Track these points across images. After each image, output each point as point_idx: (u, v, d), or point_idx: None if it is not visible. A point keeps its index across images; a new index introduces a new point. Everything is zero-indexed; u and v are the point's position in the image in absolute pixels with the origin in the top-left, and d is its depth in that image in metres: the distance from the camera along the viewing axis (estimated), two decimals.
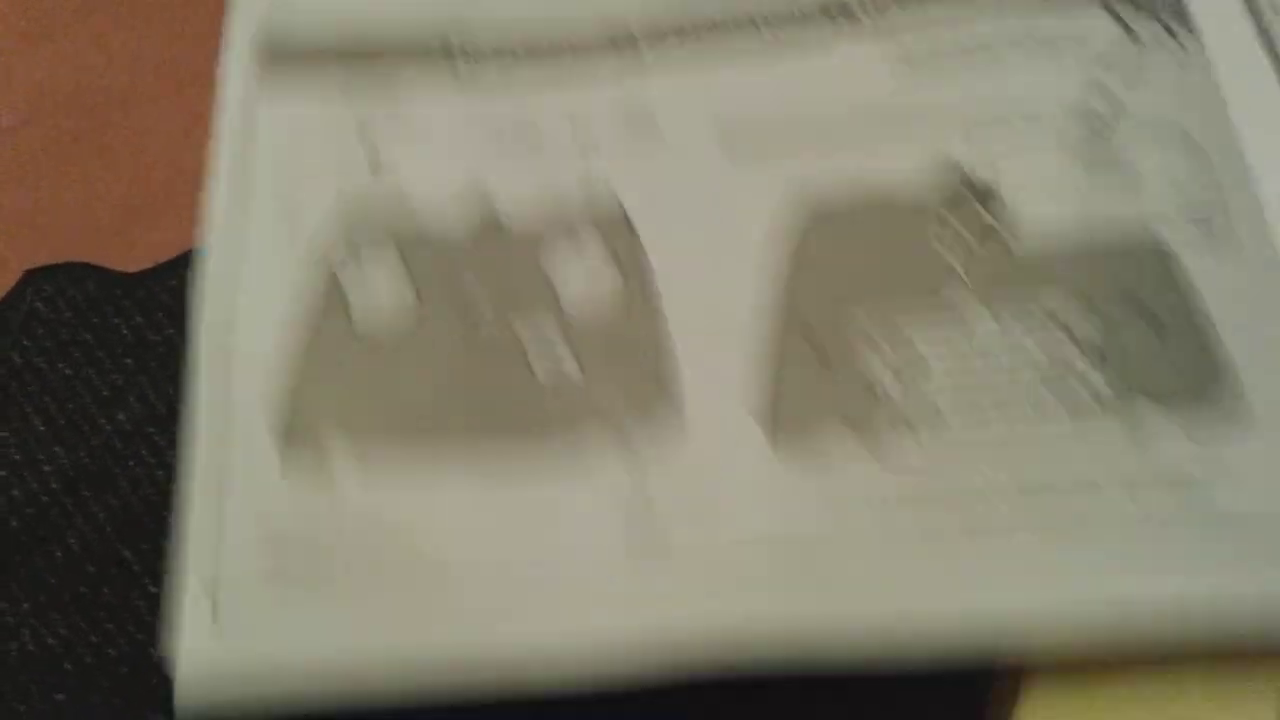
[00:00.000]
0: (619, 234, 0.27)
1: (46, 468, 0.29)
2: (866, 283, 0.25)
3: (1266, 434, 0.23)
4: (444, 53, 0.30)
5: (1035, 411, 0.23)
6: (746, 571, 0.23)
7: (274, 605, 0.24)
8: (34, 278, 0.31)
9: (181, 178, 0.31)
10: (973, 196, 0.26)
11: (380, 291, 0.27)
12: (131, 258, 0.31)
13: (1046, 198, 0.25)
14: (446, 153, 0.28)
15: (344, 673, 0.23)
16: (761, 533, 0.23)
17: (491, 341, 0.26)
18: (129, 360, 0.30)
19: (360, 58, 0.29)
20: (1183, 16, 0.27)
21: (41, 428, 0.29)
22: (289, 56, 0.30)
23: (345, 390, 0.26)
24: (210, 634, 0.24)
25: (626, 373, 0.25)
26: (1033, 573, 0.22)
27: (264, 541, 0.25)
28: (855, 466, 0.24)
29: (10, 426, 0.30)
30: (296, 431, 0.26)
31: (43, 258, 0.31)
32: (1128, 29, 0.27)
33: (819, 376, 0.25)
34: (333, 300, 0.27)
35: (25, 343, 0.30)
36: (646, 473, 0.24)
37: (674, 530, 0.24)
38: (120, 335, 0.30)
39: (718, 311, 0.26)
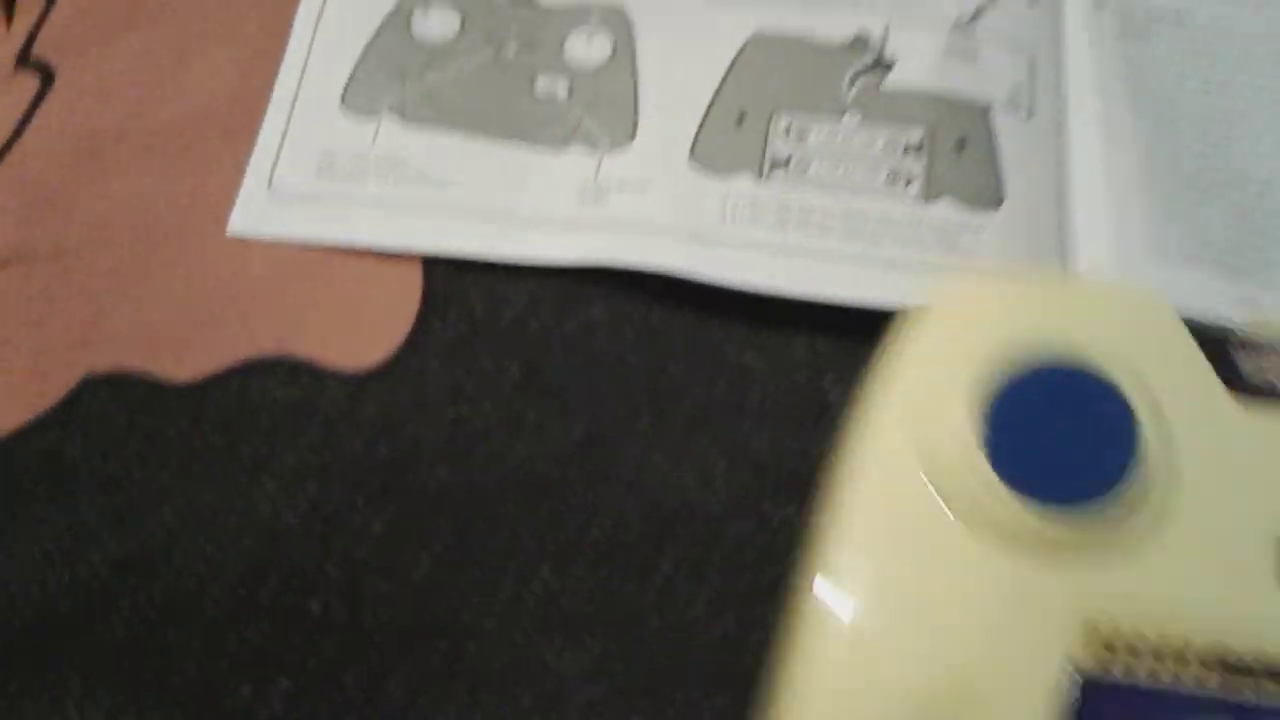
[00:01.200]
0: (619, 24, 0.38)
1: (95, 556, 0.32)
2: (781, 84, 0.37)
3: (1010, 208, 0.34)
4: None
5: (868, 174, 0.35)
6: (656, 223, 0.34)
7: (319, 184, 0.36)
8: (90, 383, 0.34)
9: (228, 305, 0.35)
10: (867, 47, 0.37)
11: (435, 18, 0.39)
12: (181, 370, 0.34)
13: (916, 61, 0.37)
14: None
15: (363, 228, 0.35)
16: (670, 210, 0.34)
17: (509, 64, 0.38)
18: (174, 462, 0.33)
19: None
20: None
21: (92, 518, 0.33)
22: None
23: (397, 74, 0.38)
24: (264, 193, 0.36)
25: (601, 103, 0.37)
26: (832, 255, 0.33)
27: (319, 153, 0.37)
28: (740, 181, 0.35)
29: (64, 515, 0.33)
30: (356, 92, 0.38)
31: (102, 365, 0.35)
32: None
33: (733, 130, 0.36)
34: (399, 19, 0.39)
35: (80, 441, 0.34)
36: (600, 161, 0.36)
37: (611, 194, 0.35)
38: (168, 439, 0.34)
39: (676, 83, 0.37)
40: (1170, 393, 0.22)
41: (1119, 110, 0.36)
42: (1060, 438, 0.21)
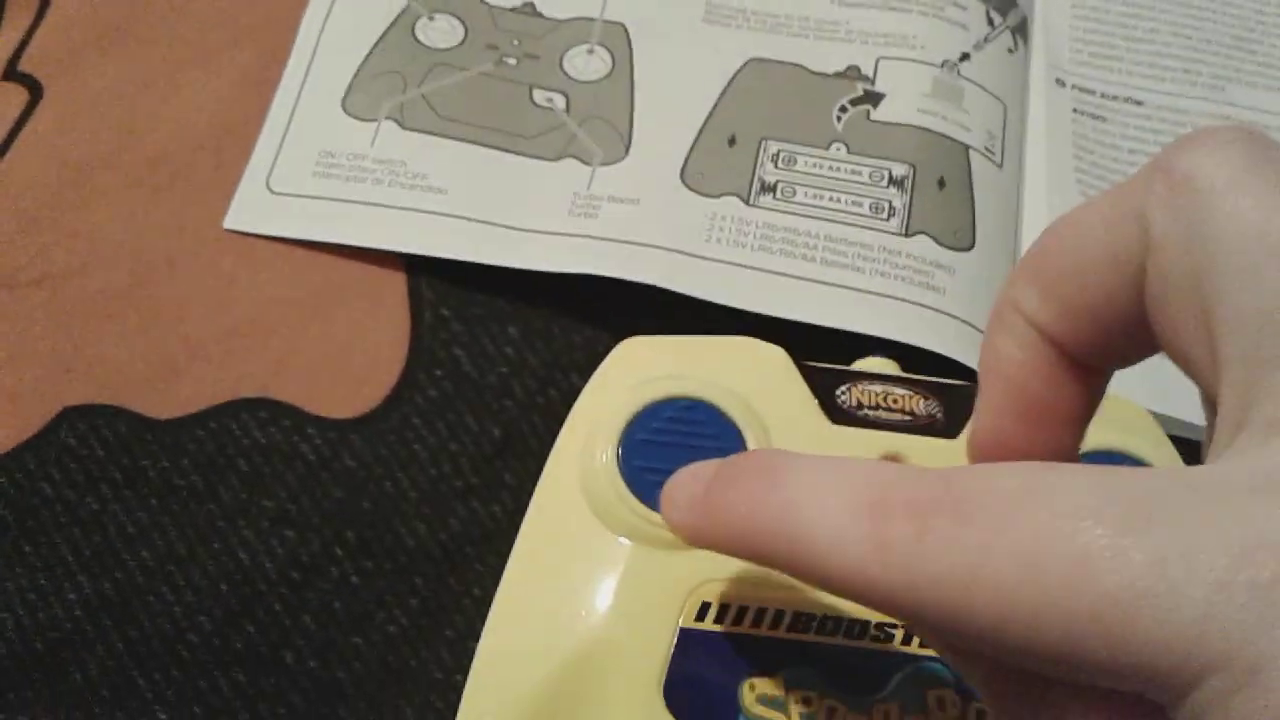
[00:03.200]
0: (619, 41, 0.40)
1: (71, 595, 0.32)
2: (773, 110, 0.38)
3: (979, 254, 0.36)
4: None
5: (852, 204, 0.36)
6: (643, 237, 0.35)
7: (315, 182, 0.37)
8: (70, 415, 0.35)
9: (214, 337, 0.35)
10: (857, 78, 0.39)
11: (439, 26, 0.40)
12: (163, 406, 0.35)
13: (904, 96, 0.38)
14: None
15: (355, 228, 0.36)
16: (658, 227, 0.36)
17: (509, 75, 0.39)
18: (154, 501, 0.34)
19: None
20: (1023, 30, 0.41)
21: (69, 557, 0.33)
22: None
23: (399, 80, 0.39)
24: (262, 192, 0.37)
25: (597, 118, 0.38)
26: (813, 280, 0.35)
27: (317, 154, 0.37)
28: (728, 202, 0.36)
29: (39, 553, 0.33)
30: (357, 96, 0.39)
31: (80, 398, 0.35)
32: (991, 23, 0.40)
33: (724, 152, 0.37)
34: (404, 26, 0.40)
35: (57, 475, 0.34)
36: (593, 173, 0.37)
37: (602, 206, 0.36)
38: (147, 477, 0.34)
39: (671, 102, 0.38)
40: (776, 419, 0.29)
41: (1065, 183, 0.38)
42: (683, 459, 0.26)
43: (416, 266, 0.36)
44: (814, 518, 0.17)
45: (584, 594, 0.28)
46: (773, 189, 0.36)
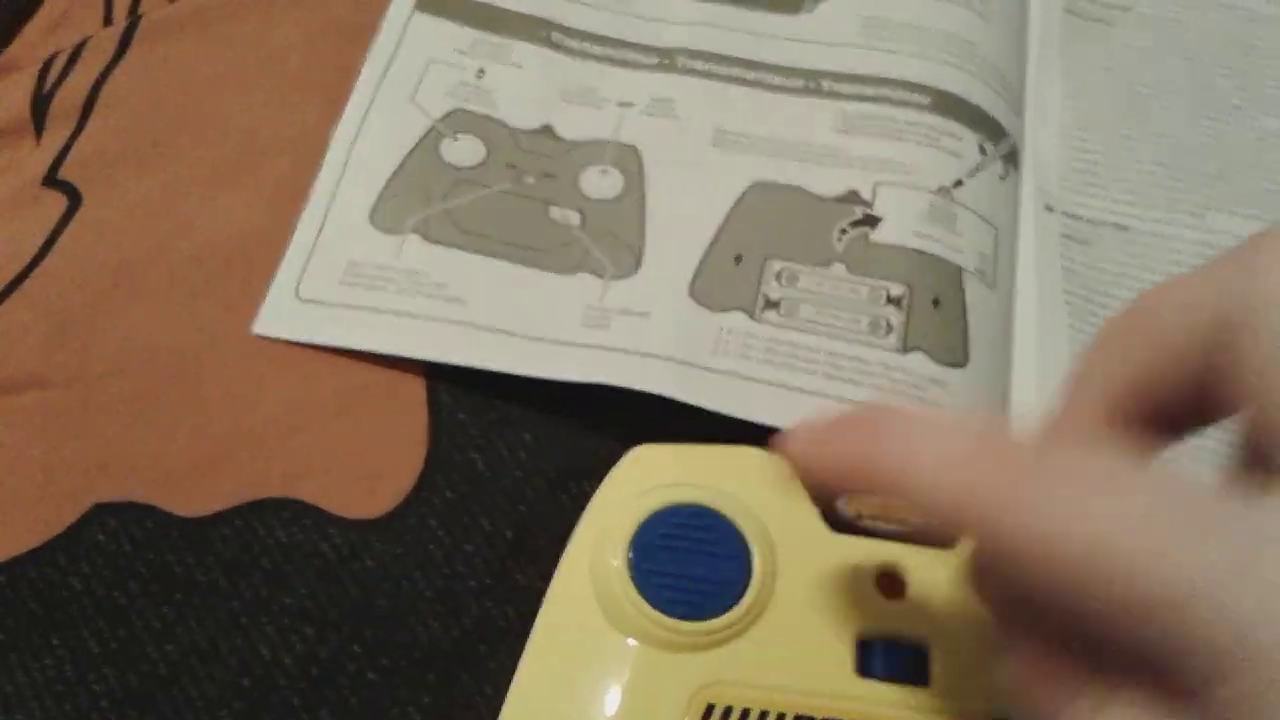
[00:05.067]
0: (631, 161, 0.42)
1: (96, 687, 0.33)
2: (777, 231, 0.40)
3: (972, 370, 0.38)
4: (545, 25, 0.45)
5: (852, 320, 0.38)
6: (653, 350, 0.37)
7: (342, 291, 0.39)
8: (100, 511, 0.36)
9: (240, 438, 0.37)
10: (856, 202, 0.40)
11: (462, 146, 0.42)
12: (190, 504, 0.36)
13: (901, 219, 0.40)
14: (529, 87, 0.43)
15: (379, 334, 0.38)
16: (668, 339, 0.37)
17: (529, 190, 0.41)
18: (179, 596, 0.35)
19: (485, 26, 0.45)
20: (1014, 159, 0.43)
21: (96, 650, 0.34)
22: (436, 15, 0.45)
23: (423, 196, 0.41)
24: (291, 299, 0.39)
25: (610, 235, 0.40)
26: (815, 393, 0.37)
27: (345, 264, 0.39)
28: (734, 317, 0.38)
29: (67, 646, 0.34)
30: (384, 211, 0.41)
31: (110, 495, 0.36)
32: (983, 151, 0.42)
33: (731, 270, 0.39)
34: (429, 145, 0.42)
35: (85, 569, 0.35)
36: (606, 287, 0.39)
37: (614, 318, 0.38)
38: (173, 573, 0.35)
39: (680, 221, 0.40)
40: (780, 527, 0.30)
41: (1054, 304, 0.40)
42: (691, 564, 0.30)
43: (436, 371, 0.38)
44: (924, 449, 0.21)
45: (594, 694, 0.29)
46: (776, 305, 0.38)
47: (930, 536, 0.31)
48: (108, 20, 0.46)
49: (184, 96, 0.43)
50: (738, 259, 0.39)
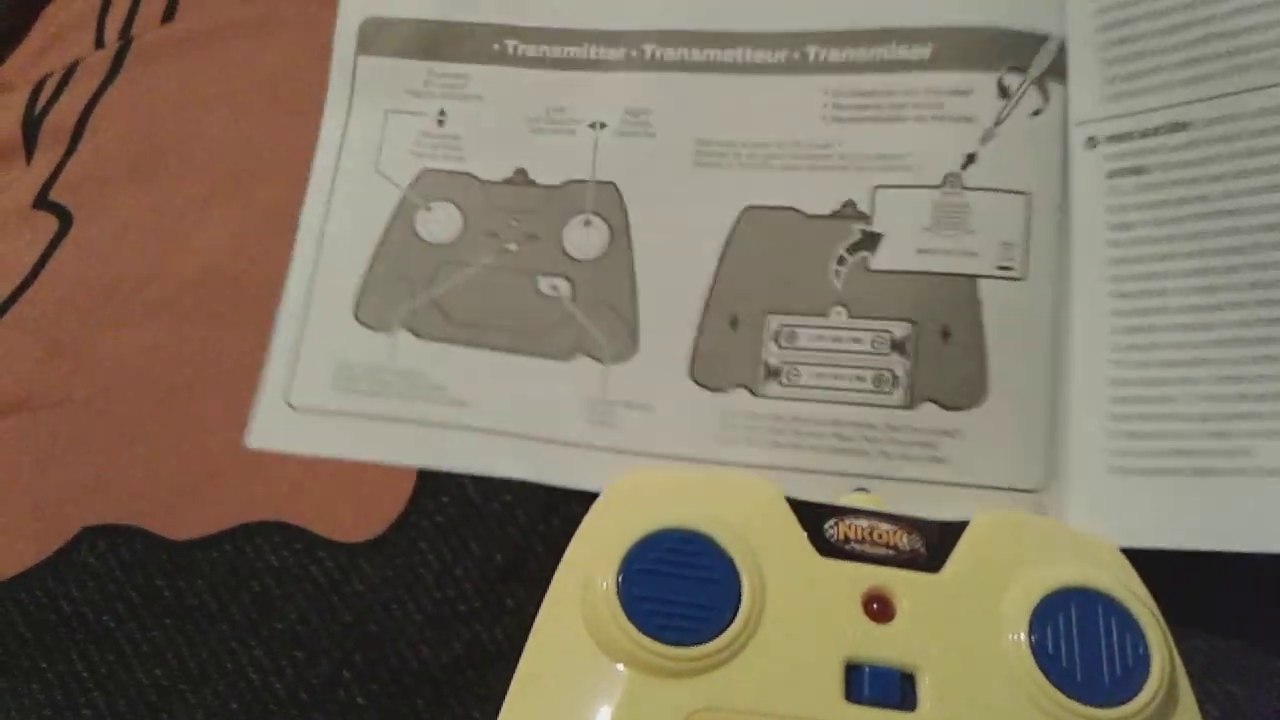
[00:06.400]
0: (612, 204, 0.40)
1: (86, 711, 0.33)
2: (772, 275, 0.38)
3: (993, 400, 0.36)
4: (497, 34, 0.42)
5: (855, 379, 0.37)
6: (659, 448, 0.36)
7: (337, 397, 0.38)
8: (89, 534, 0.36)
9: (229, 467, 0.37)
10: (853, 217, 0.38)
11: (437, 216, 0.40)
12: (179, 527, 0.36)
13: (902, 233, 0.38)
14: (495, 124, 0.41)
15: (384, 445, 0.37)
16: (673, 435, 0.37)
17: (513, 260, 0.39)
18: (168, 620, 0.35)
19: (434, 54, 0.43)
20: (1060, 68, 0.38)
21: (85, 674, 0.34)
22: (381, 54, 0.43)
23: (407, 285, 0.39)
24: (282, 409, 0.38)
25: (602, 302, 0.38)
26: (820, 470, 0.36)
27: (335, 365, 0.38)
28: (737, 397, 0.37)
29: (55, 670, 0.34)
30: (368, 305, 0.39)
31: (99, 518, 0.36)
32: (1004, 91, 0.38)
33: (727, 338, 0.38)
34: (404, 220, 0.40)
35: (75, 593, 0.35)
36: (605, 375, 0.37)
37: (618, 412, 0.37)
38: (162, 596, 0.35)
39: (672, 275, 0.38)
40: (768, 552, 0.31)
41: (1095, 290, 0.36)
42: (680, 589, 0.30)
43: None
44: None
45: (582, 719, 0.29)
46: (777, 374, 0.37)
47: (914, 560, 0.31)
48: (99, 43, 0.46)
49: (175, 119, 0.43)
50: (734, 322, 0.38)
